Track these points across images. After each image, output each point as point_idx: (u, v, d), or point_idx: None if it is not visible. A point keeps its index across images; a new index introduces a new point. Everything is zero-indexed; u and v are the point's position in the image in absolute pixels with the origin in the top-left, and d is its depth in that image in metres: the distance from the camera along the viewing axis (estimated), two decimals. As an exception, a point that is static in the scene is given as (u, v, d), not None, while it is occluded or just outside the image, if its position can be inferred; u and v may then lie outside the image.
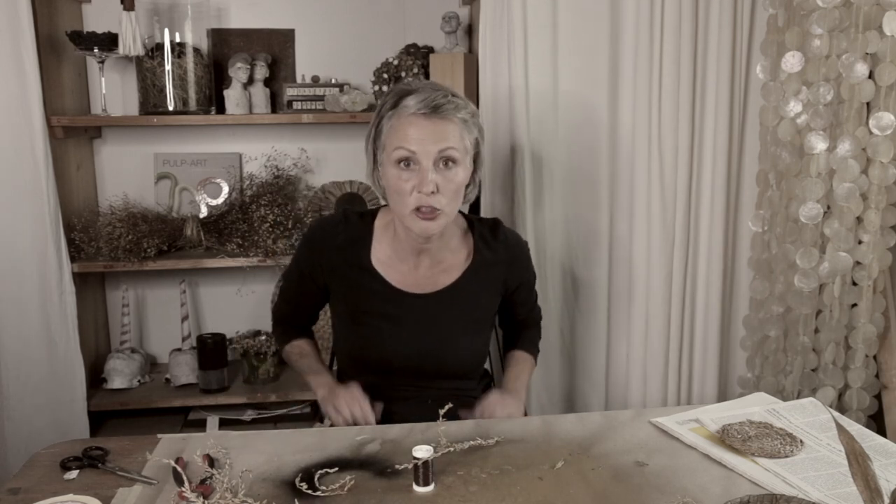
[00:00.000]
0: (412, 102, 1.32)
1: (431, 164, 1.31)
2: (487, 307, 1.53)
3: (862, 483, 0.79)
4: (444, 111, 1.31)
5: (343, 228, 1.47)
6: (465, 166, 1.36)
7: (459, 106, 1.34)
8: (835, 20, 1.76)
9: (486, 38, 1.97)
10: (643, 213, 2.06)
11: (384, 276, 1.45)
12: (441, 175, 1.32)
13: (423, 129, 1.31)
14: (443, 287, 1.46)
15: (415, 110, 1.31)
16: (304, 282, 1.51)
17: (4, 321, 1.98)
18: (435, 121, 1.31)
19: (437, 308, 1.46)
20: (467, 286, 1.47)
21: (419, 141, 1.31)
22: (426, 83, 1.38)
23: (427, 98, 1.31)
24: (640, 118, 2.02)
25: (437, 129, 1.31)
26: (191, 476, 1.10)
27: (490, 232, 1.51)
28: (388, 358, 1.45)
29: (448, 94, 1.34)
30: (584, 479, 1.11)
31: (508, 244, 1.52)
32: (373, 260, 1.46)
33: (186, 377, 2.19)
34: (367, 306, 1.46)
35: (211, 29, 2.23)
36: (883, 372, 1.94)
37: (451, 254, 1.47)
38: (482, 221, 1.54)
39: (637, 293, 2.11)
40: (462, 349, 1.48)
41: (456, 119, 1.33)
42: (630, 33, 1.98)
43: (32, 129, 1.91)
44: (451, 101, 1.33)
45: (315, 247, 1.49)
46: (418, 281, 1.46)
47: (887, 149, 1.75)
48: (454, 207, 1.37)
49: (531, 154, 2.01)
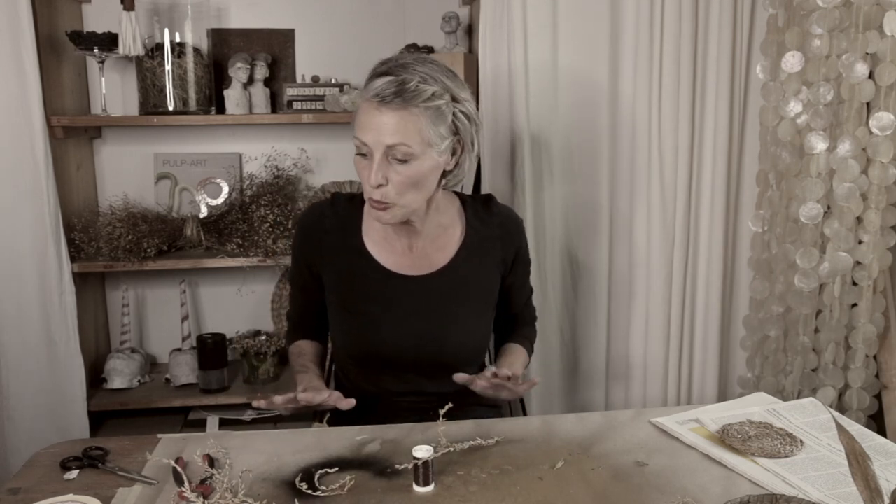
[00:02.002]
0: (375, 86, 1.25)
1: (381, 156, 1.26)
2: (487, 287, 1.47)
3: (862, 483, 0.79)
4: (404, 100, 1.23)
5: (332, 212, 1.44)
6: (431, 157, 1.28)
7: (425, 92, 1.24)
8: (835, 20, 1.76)
9: (486, 38, 1.97)
10: (643, 213, 2.07)
11: (377, 259, 1.41)
12: (393, 168, 1.27)
13: (375, 120, 1.25)
14: (439, 267, 1.42)
15: (371, 96, 1.25)
16: (303, 276, 1.48)
17: (4, 321, 1.98)
18: (388, 112, 1.24)
19: (434, 290, 1.41)
20: (463, 264, 1.43)
21: (371, 131, 1.25)
22: (407, 61, 1.28)
23: (384, 84, 1.24)
24: (640, 118, 2.02)
25: (389, 122, 1.24)
26: (191, 476, 1.10)
27: (483, 206, 1.47)
28: (383, 346, 1.41)
29: (415, 78, 1.24)
30: (584, 479, 1.11)
31: (502, 217, 1.48)
32: (365, 241, 1.42)
33: (186, 377, 2.19)
34: (360, 292, 1.41)
35: (211, 29, 2.23)
36: (883, 372, 1.94)
37: (443, 231, 1.43)
38: (475, 198, 1.50)
39: (637, 293, 2.11)
40: (462, 332, 1.43)
41: (418, 108, 1.24)
42: (630, 33, 1.99)
43: (32, 129, 1.91)
44: (414, 89, 1.23)
45: (306, 233, 1.45)
46: (413, 262, 1.42)
47: (887, 149, 1.75)
48: (413, 199, 1.31)
49: (531, 155, 2.01)
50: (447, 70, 1.32)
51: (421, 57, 1.32)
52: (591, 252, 2.09)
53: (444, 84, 1.28)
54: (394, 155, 1.26)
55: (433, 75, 1.27)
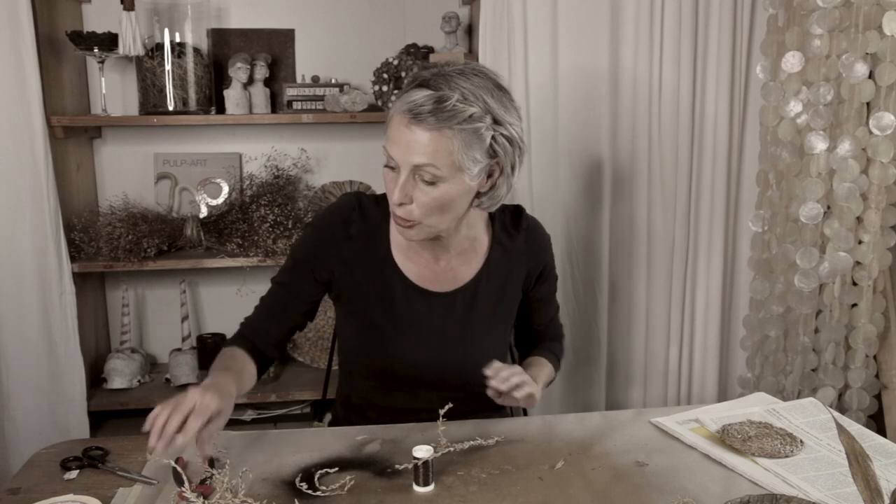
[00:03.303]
0: (411, 98, 1.16)
1: (407, 174, 1.18)
2: (507, 305, 1.40)
3: (862, 483, 0.79)
4: (437, 120, 1.14)
5: (358, 216, 1.34)
6: (461, 181, 1.19)
7: (462, 113, 1.14)
8: (835, 20, 1.76)
9: (486, 38, 1.97)
10: (643, 213, 2.07)
11: (402, 270, 1.34)
12: (419, 188, 1.18)
13: (405, 136, 1.16)
14: (462, 284, 1.36)
15: (405, 109, 1.16)
16: (303, 280, 1.37)
17: (4, 321, 1.98)
18: (419, 130, 1.15)
19: (456, 308, 1.35)
20: (486, 281, 1.36)
21: (399, 147, 1.17)
22: (450, 72, 1.18)
23: (421, 99, 1.15)
24: (640, 118, 2.02)
25: (419, 140, 1.15)
26: (191, 476, 1.10)
27: (511, 219, 1.40)
28: (399, 363, 1.35)
29: (454, 96, 1.14)
30: (584, 479, 1.11)
31: (529, 231, 1.41)
32: (392, 249, 1.34)
33: (186, 377, 2.19)
34: (382, 304, 1.34)
35: (211, 29, 2.23)
36: (883, 372, 1.94)
37: (470, 245, 1.36)
38: (504, 209, 1.40)
39: (637, 293, 2.11)
40: (480, 352, 1.33)
41: (452, 130, 1.15)
42: (630, 33, 1.99)
43: (32, 129, 1.91)
44: (451, 108, 1.14)
45: (323, 238, 1.35)
46: (437, 277, 1.35)
47: (887, 149, 1.75)
48: (439, 220, 1.23)
49: (531, 155, 2.01)
50: (495, 86, 1.20)
51: (469, 68, 1.20)
52: (592, 252, 2.09)
53: (485, 104, 1.17)
54: (421, 176, 1.18)
55: (476, 93, 1.17)
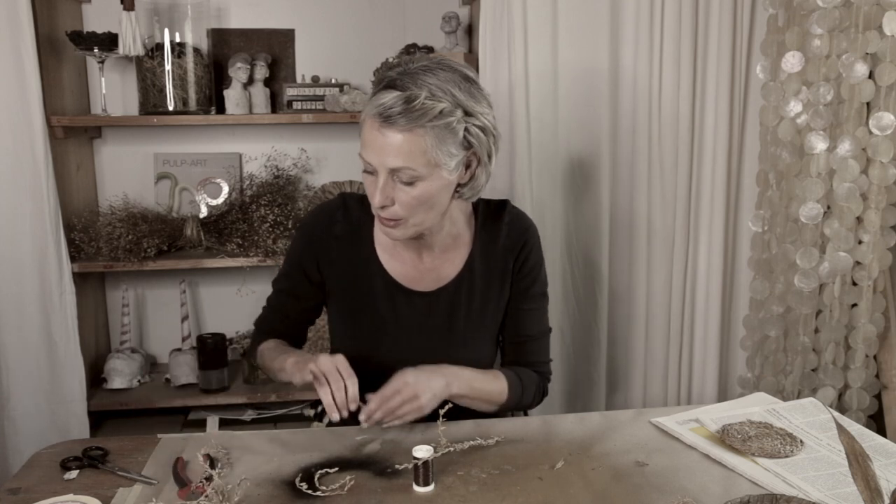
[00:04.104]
0: (379, 101, 1.16)
1: (385, 177, 1.19)
2: (492, 303, 1.39)
3: (862, 483, 0.79)
4: (408, 120, 1.14)
5: (342, 216, 1.37)
6: (439, 177, 1.20)
7: (432, 110, 1.15)
8: (835, 20, 1.76)
9: (486, 38, 1.97)
10: (643, 213, 2.07)
11: (386, 269, 1.35)
12: (399, 189, 1.19)
13: (378, 140, 1.17)
14: (445, 283, 1.36)
15: (375, 113, 1.16)
16: (301, 282, 1.40)
17: (4, 321, 1.98)
18: (391, 133, 1.15)
19: (439, 307, 1.36)
20: (469, 279, 1.36)
21: (374, 152, 1.18)
22: (416, 70, 1.18)
23: (389, 101, 1.15)
24: (640, 118, 2.02)
25: (392, 143, 1.16)
26: (191, 476, 1.10)
27: (494, 214, 1.39)
28: (385, 361, 1.31)
29: (422, 94, 1.15)
30: (584, 479, 1.11)
31: (511, 224, 1.38)
32: (377, 248, 1.36)
33: (186, 377, 2.19)
34: (367, 302, 1.36)
35: (211, 29, 2.23)
36: (883, 372, 1.94)
37: (453, 241, 1.36)
38: (489, 203, 1.40)
39: (637, 293, 2.11)
40: (464, 351, 1.35)
41: (423, 128, 1.15)
42: (630, 33, 1.99)
43: (32, 129, 1.91)
44: (420, 107, 1.14)
45: (312, 237, 1.38)
46: (421, 275, 1.36)
47: (887, 149, 1.75)
48: (424, 217, 1.24)
49: (530, 154, 2.01)
50: (462, 77, 1.21)
51: (434, 63, 1.20)
52: (592, 252, 2.09)
53: (454, 98, 1.17)
54: (399, 177, 1.19)
55: (443, 87, 1.17)
